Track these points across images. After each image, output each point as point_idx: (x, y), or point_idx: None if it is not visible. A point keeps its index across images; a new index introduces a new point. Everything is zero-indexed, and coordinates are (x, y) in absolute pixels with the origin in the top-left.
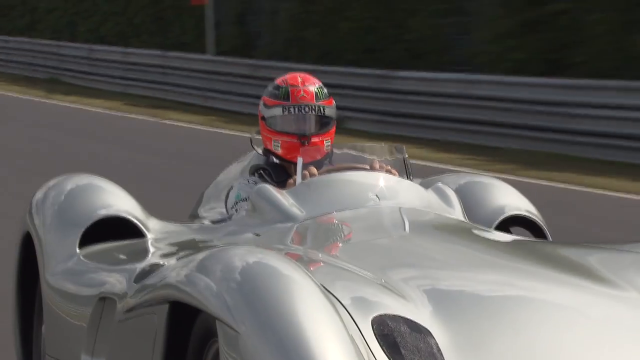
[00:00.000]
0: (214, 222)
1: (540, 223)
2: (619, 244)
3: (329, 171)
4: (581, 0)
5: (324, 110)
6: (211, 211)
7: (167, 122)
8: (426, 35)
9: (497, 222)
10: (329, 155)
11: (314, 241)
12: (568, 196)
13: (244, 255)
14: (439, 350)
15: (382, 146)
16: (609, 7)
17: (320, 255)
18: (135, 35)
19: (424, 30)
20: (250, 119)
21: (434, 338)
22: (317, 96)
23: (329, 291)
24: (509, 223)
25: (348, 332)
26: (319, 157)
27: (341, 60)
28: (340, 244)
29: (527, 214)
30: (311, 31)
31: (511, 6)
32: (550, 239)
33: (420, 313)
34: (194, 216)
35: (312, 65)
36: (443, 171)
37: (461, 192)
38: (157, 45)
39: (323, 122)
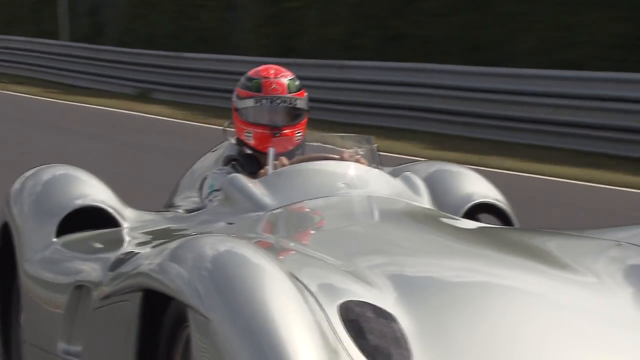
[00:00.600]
0: (188, 211)
1: (507, 210)
2: (580, 231)
3: (299, 161)
4: (303, 0)
5: (295, 102)
6: (186, 200)
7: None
8: (212, 25)
9: (465, 209)
10: (300, 146)
11: (285, 230)
12: None
13: (215, 244)
14: (403, 335)
15: (351, 136)
16: (320, 5)
17: (290, 243)
18: (18, 24)
19: (211, 22)
20: (88, 91)
21: (398, 323)
22: (289, 88)
23: (297, 278)
24: (477, 210)
25: (315, 318)
26: (290, 147)
27: (157, 45)
28: (310, 232)
29: (494, 201)
30: (138, 21)
31: (263, 3)
32: (517, 226)
33: (386, 299)
34: (170, 205)
35: (138, 49)
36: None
37: (430, 181)
38: (33, 33)
39: (294, 113)
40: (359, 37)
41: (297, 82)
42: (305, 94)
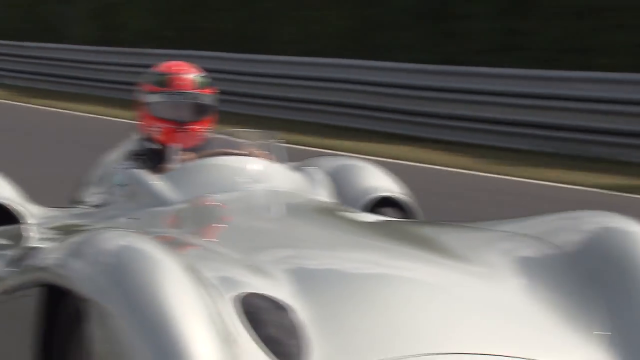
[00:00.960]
0: (94, 206)
1: (409, 204)
2: (475, 223)
3: (204, 156)
4: None
5: (200, 98)
6: (92, 196)
7: None
8: (51, 17)
9: (367, 203)
10: (206, 142)
11: (188, 224)
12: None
13: (114, 238)
14: (300, 326)
15: (255, 132)
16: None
17: (192, 238)
18: None
19: (50, 14)
20: None
21: (295, 315)
22: (196, 84)
23: (196, 272)
24: (380, 204)
25: (212, 311)
26: (195, 143)
27: (6, 35)
28: (213, 227)
29: (396, 195)
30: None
31: None
32: (419, 219)
33: (284, 291)
34: (76, 201)
35: (5, 41)
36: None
37: (333, 175)
38: None
39: (201, 109)
40: (165, 28)
41: (205, 79)
42: (213, 90)
